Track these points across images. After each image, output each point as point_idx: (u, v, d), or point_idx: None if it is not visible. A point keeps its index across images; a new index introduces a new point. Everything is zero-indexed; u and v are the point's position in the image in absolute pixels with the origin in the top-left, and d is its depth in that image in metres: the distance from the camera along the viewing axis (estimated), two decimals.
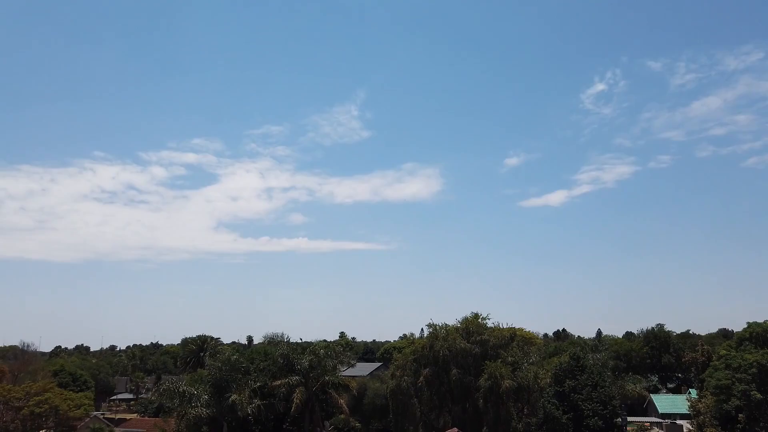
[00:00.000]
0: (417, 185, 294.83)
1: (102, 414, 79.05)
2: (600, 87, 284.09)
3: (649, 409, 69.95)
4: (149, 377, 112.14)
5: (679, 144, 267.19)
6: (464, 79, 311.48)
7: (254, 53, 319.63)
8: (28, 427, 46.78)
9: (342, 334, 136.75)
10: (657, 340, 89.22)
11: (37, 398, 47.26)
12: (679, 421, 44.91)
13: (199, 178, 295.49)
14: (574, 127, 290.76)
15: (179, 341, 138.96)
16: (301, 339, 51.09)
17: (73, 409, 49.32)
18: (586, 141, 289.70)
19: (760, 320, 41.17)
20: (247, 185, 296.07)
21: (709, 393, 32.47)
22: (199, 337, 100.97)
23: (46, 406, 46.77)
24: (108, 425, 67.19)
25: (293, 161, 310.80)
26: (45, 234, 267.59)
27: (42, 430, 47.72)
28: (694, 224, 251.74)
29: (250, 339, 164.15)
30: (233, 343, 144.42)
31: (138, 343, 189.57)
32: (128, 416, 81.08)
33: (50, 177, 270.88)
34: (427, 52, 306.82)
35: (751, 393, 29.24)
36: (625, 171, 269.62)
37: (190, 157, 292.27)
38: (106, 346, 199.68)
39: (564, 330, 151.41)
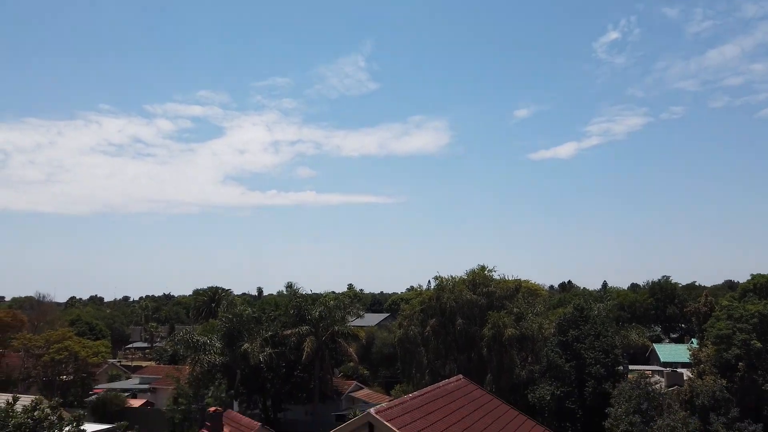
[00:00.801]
0: (424, 138, 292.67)
1: (119, 361, 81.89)
2: (613, 35, 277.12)
3: (651, 358, 71.51)
4: (163, 327, 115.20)
5: (693, 94, 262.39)
6: (473, 28, 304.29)
7: (259, 2, 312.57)
8: (49, 373, 48.61)
9: (350, 286, 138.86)
10: (662, 291, 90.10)
11: (56, 346, 48.94)
12: (679, 370, 45.94)
13: (205, 131, 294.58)
14: (585, 77, 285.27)
15: (191, 292, 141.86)
16: (311, 290, 52.03)
17: (92, 356, 51.06)
18: (597, 92, 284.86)
19: (765, 272, 41.64)
20: (254, 138, 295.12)
21: (709, 342, 33.14)
22: (210, 288, 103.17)
23: (66, 354, 48.46)
24: (125, 372, 69.74)
25: (300, 114, 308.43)
26: (54, 187, 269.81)
27: (62, 375, 49.58)
28: (704, 176, 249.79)
29: (260, 290, 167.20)
30: (244, 294, 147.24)
31: (150, 294, 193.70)
32: (144, 363, 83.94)
33: (57, 130, 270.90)
34: (435, 2, 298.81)
35: (752, 342, 29.83)
36: (637, 123, 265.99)
37: (196, 110, 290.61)
38: (119, 297, 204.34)
39: (570, 282, 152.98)
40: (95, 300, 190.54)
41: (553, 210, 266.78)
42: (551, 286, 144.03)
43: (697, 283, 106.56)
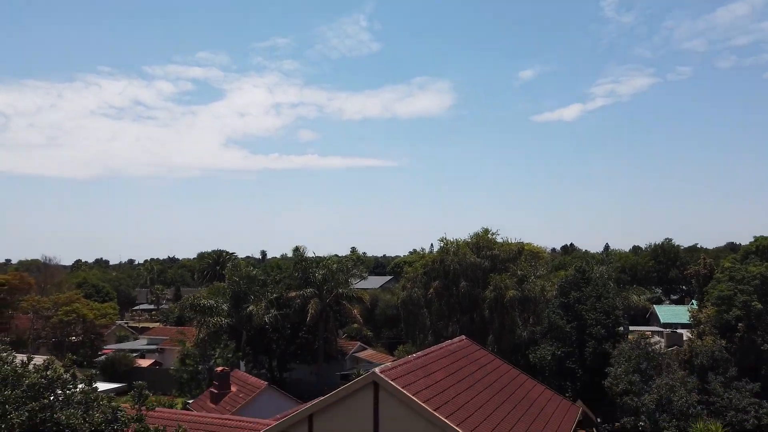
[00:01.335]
0: (428, 100, 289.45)
1: (126, 323, 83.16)
2: None
3: (652, 320, 72.30)
4: (168, 289, 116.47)
5: (701, 54, 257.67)
6: None
7: None
8: (58, 334, 49.51)
9: (353, 249, 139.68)
10: (664, 254, 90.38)
11: (65, 308, 49.70)
12: (679, 330, 46.49)
13: (206, 93, 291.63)
14: (591, 36, 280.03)
15: (195, 255, 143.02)
16: (314, 253, 52.41)
17: (99, 318, 51.90)
18: (603, 51, 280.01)
19: None
20: (255, 101, 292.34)
21: (710, 304, 33.42)
22: (214, 251, 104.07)
23: (74, 315, 49.26)
24: (133, 333, 70.92)
25: (301, 75, 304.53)
26: (56, 150, 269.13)
27: (71, 336, 50.50)
28: (710, 138, 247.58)
29: (263, 253, 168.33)
30: (248, 257, 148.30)
31: (155, 257, 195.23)
32: (151, 325, 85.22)
33: (57, 92, 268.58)
34: None
35: (752, 303, 30.05)
36: (643, 83, 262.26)
37: (196, 72, 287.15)
38: (124, 260, 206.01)
39: (572, 245, 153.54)
40: (101, 263, 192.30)
41: (557, 173, 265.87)
42: (553, 249, 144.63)
43: (699, 246, 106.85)
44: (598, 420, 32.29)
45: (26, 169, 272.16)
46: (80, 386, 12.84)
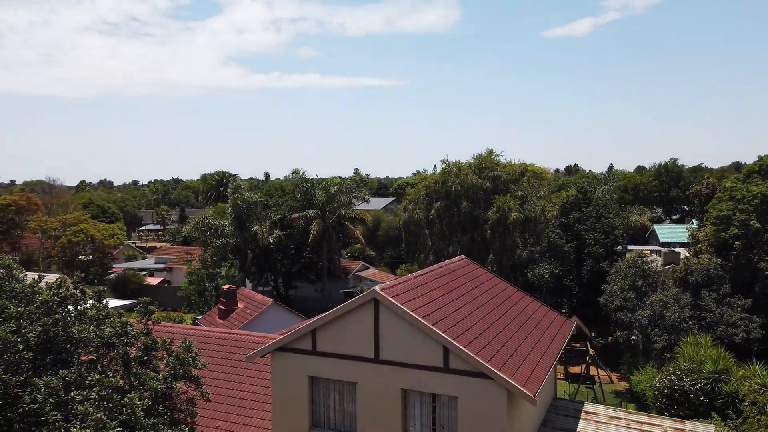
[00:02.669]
0: (433, 15, 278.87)
1: (133, 243, 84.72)
2: None
3: (651, 239, 73.28)
4: (173, 210, 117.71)
5: None
6: None
7: None
8: (67, 253, 50.56)
9: (356, 171, 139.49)
10: (668, 174, 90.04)
11: (73, 228, 50.47)
12: (677, 249, 47.19)
13: (202, 8, 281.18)
14: None
15: (198, 177, 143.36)
16: (316, 175, 52.59)
17: (107, 238, 52.77)
18: None
19: None
20: (253, 16, 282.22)
21: (709, 223, 33.67)
22: (217, 173, 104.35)
23: (82, 236, 50.09)
24: (141, 252, 72.40)
25: None
26: (52, 69, 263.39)
27: (81, 256, 51.60)
28: (720, 55, 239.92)
29: (267, 175, 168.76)
30: (251, 178, 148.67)
31: (159, 179, 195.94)
32: (158, 245, 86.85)
33: (49, 7, 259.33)
34: None
35: (750, 222, 30.27)
36: None
37: None
38: (128, 181, 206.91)
39: (575, 165, 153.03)
40: (105, 184, 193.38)
41: (563, 91, 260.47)
42: (557, 170, 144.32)
43: (704, 165, 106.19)
44: (592, 334, 33.51)
45: (21, 87, 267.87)
46: (90, 302, 13.32)
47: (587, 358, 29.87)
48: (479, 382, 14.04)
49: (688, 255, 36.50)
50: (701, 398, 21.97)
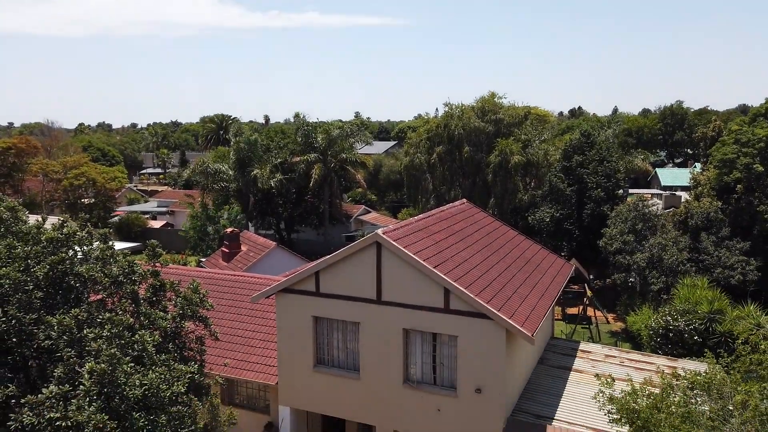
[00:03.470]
0: None
1: (135, 186, 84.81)
2: None
3: (653, 182, 73.19)
4: (174, 153, 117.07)
5: None
6: None
7: None
8: (70, 196, 50.66)
9: (357, 114, 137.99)
10: (673, 116, 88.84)
11: (74, 171, 50.38)
12: (678, 193, 47.16)
13: None
14: None
15: (198, 120, 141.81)
16: (317, 119, 51.98)
17: (109, 182, 52.75)
18: None
19: None
20: None
21: (712, 166, 33.51)
22: (216, 116, 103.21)
23: (84, 179, 50.07)
24: (143, 196, 72.60)
25: None
26: (43, 6, 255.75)
27: (83, 198, 51.74)
28: None
29: (267, 118, 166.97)
30: (250, 122, 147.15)
31: (158, 122, 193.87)
32: (159, 188, 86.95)
33: None
34: None
35: (753, 166, 30.10)
36: None
37: None
38: (127, 124, 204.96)
39: (579, 108, 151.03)
40: (103, 126, 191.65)
41: (569, 30, 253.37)
42: (561, 113, 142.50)
43: (710, 108, 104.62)
44: (591, 276, 34.04)
45: (11, 25, 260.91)
46: (95, 243, 13.50)
47: (585, 299, 30.47)
48: (479, 322, 14.42)
49: (689, 198, 36.53)
50: (695, 338, 22.55)
